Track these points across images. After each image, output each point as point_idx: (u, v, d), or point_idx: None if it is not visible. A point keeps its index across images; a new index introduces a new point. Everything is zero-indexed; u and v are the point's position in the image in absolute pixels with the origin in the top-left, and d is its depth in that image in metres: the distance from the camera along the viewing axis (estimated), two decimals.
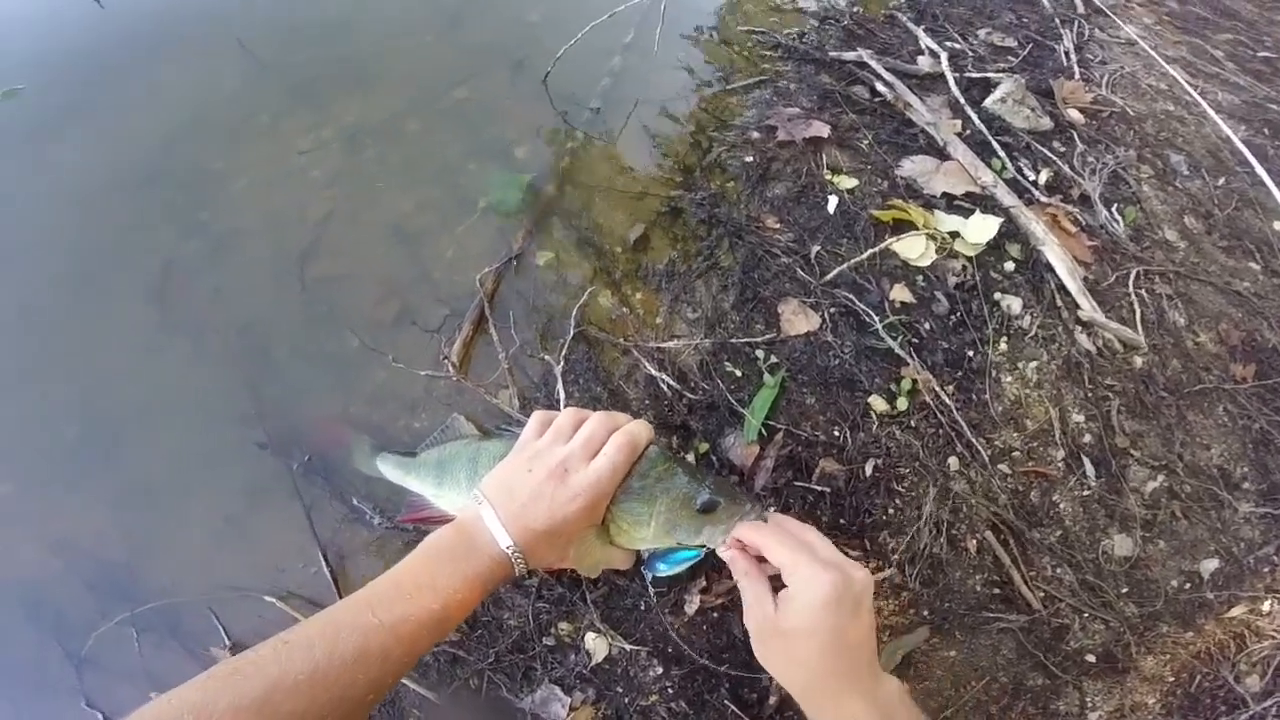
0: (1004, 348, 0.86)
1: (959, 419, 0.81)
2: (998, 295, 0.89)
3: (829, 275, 0.86)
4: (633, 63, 1.15)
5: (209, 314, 0.92)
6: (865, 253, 0.86)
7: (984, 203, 0.95)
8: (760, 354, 0.82)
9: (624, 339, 0.84)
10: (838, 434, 0.78)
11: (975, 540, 0.79)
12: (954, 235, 0.90)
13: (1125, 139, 1.12)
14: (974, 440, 0.81)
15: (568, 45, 1.05)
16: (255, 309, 0.92)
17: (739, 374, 0.81)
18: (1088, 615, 0.81)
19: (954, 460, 0.80)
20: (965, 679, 0.79)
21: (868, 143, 1.01)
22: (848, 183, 0.96)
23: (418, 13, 1.26)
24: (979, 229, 0.90)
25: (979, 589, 0.79)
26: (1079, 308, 0.89)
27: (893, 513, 0.77)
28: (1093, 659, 0.80)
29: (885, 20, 1.26)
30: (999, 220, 0.91)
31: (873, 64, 1.10)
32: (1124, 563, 0.83)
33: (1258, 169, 1.06)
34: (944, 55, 1.14)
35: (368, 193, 1.01)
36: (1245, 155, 1.09)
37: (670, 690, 0.71)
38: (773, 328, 0.84)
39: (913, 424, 0.80)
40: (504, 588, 0.73)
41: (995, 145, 1.02)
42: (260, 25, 1.24)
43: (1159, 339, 0.93)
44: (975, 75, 1.13)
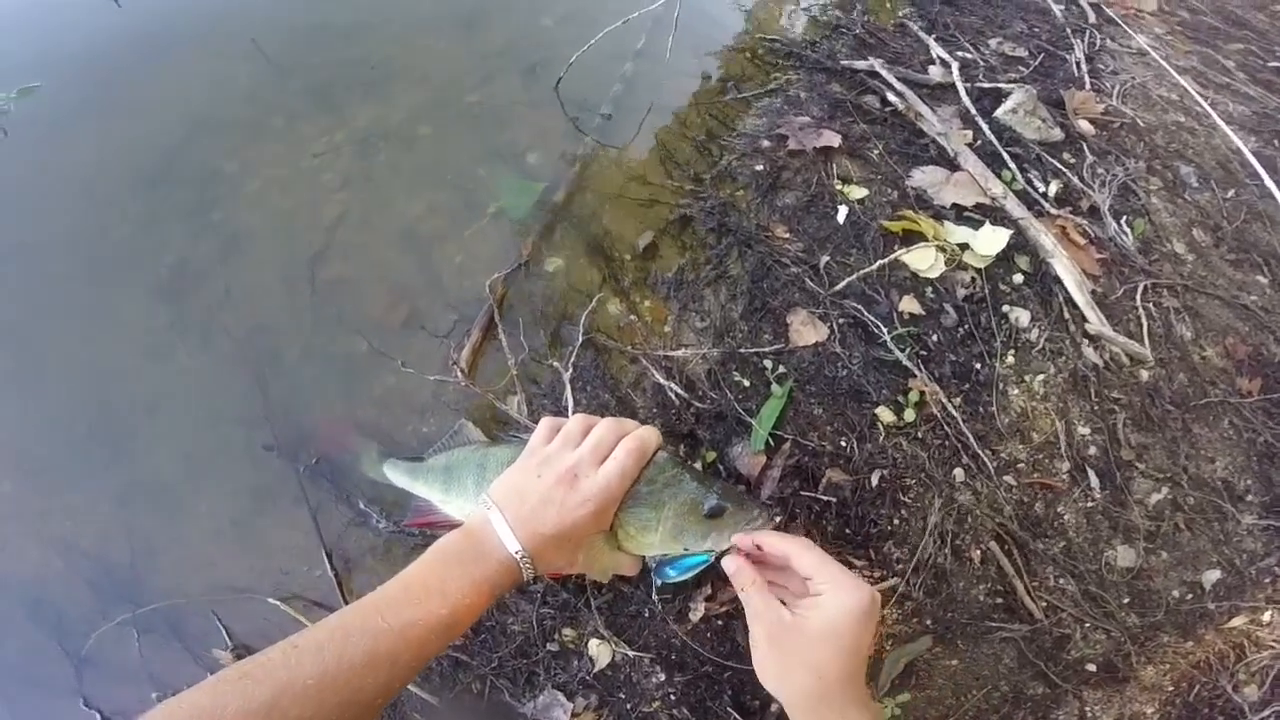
0: (1011, 360, 0.87)
1: (965, 431, 0.81)
2: (1006, 308, 0.89)
3: (838, 286, 0.87)
4: (644, 69, 1.15)
5: (219, 315, 0.92)
6: (874, 264, 0.86)
7: (994, 214, 0.95)
8: (768, 364, 0.83)
9: (632, 347, 0.84)
10: (845, 444, 0.79)
11: (979, 550, 0.80)
12: (963, 247, 0.90)
13: (1135, 150, 1.12)
14: (980, 452, 0.81)
15: (580, 52, 1.05)
16: (265, 310, 0.93)
17: (747, 383, 0.82)
18: (1089, 625, 0.82)
19: (960, 471, 0.81)
20: (967, 687, 0.80)
21: (878, 153, 1.02)
22: (858, 193, 0.96)
23: (433, 17, 1.26)
24: (988, 241, 0.90)
25: (982, 599, 0.80)
26: (1086, 321, 0.89)
27: (898, 523, 0.78)
28: (1093, 668, 0.81)
29: (896, 29, 1.26)
30: (1008, 232, 0.91)
31: (884, 73, 1.10)
32: (1126, 573, 0.84)
33: (1267, 181, 1.06)
34: (955, 65, 1.14)
35: (379, 196, 1.01)
36: (1255, 167, 1.09)
37: (673, 696, 0.72)
38: (781, 338, 0.84)
39: (919, 435, 0.81)
40: (509, 594, 0.74)
41: (1006, 156, 1.02)
42: (276, 27, 1.25)
43: (1166, 352, 0.93)
44: (986, 85, 1.13)
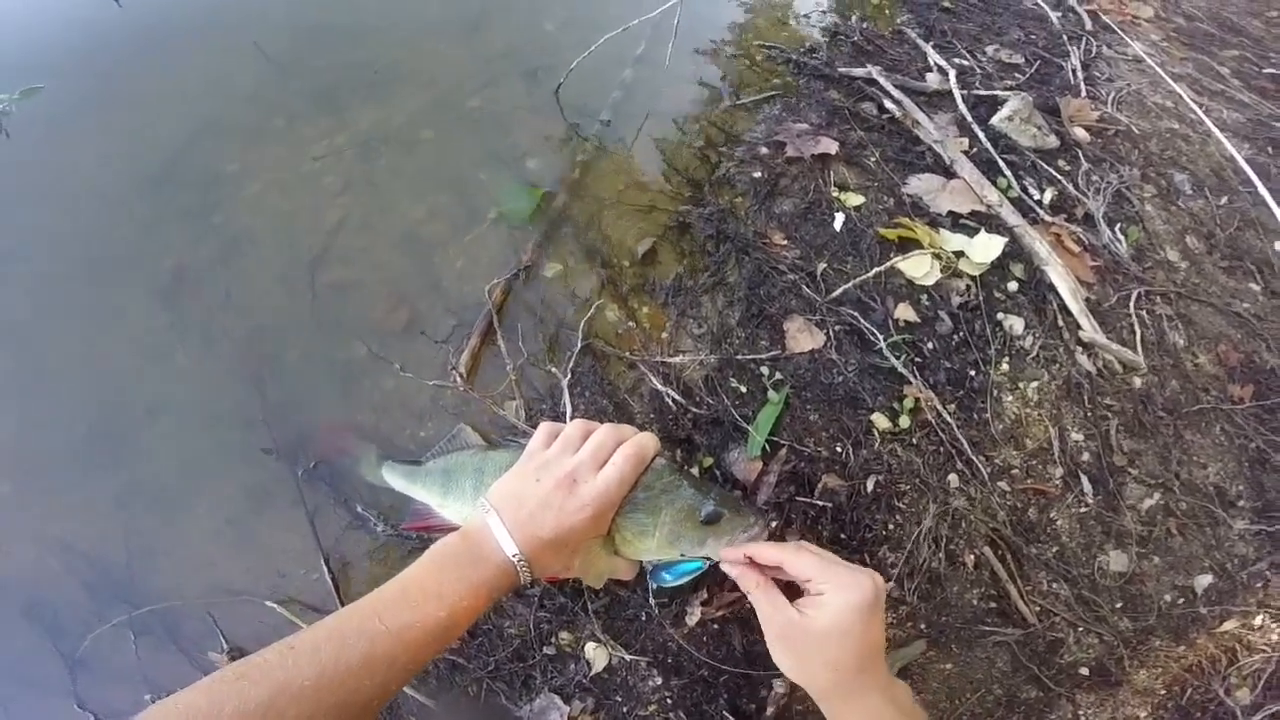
0: (1005, 368, 0.87)
1: (960, 437, 0.82)
2: (1000, 315, 0.90)
3: (834, 293, 0.87)
4: (644, 75, 1.15)
5: (219, 317, 0.93)
6: (871, 271, 0.87)
7: (989, 222, 0.96)
8: (765, 370, 0.83)
9: (630, 353, 0.85)
10: (840, 450, 0.79)
11: (973, 555, 0.80)
12: (959, 254, 0.91)
13: (1130, 158, 1.12)
14: (974, 458, 0.82)
15: (580, 58, 1.06)
16: (265, 314, 0.93)
17: (744, 390, 0.82)
18: (1082, 629, 0.82)
19: (954, 477, 0.81)
20: (960, 691, 0.80)
21: (875, 160, 1.02)
22: (855, 200, 0.97)
23: (436, 20, 1.26)
24: (983, 248, 0.91)
25: (975, 603, 0.81)
26: (1080, 328, 0.90)
27: (893, 528, 0.79)
28: (1086, 672, 0.82)
29: (894, 36, 1.27)
30: (1003, 240, 0.92)
31: (881, 80, 1.10)
32: (1119, 578, 0.84)
33: (1260, 189, 1.07)
34: (952, 72, 1.14)
35: (380, 200, 1.02)
36: (1248, 174, 1.10)
37: (669, 700, 0.72)
38: (778, 344, 0.85)
39: (914, 441, 0.81)
40: (506, 597, 0.74)
41: (1001, 164, 1.03)
42: (278, 28, 1.25)
43: (1158, 360, 0.94)
44: (983, 92, 1.14)
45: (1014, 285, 0.92)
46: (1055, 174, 1.05)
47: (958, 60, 1.21)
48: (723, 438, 0.80)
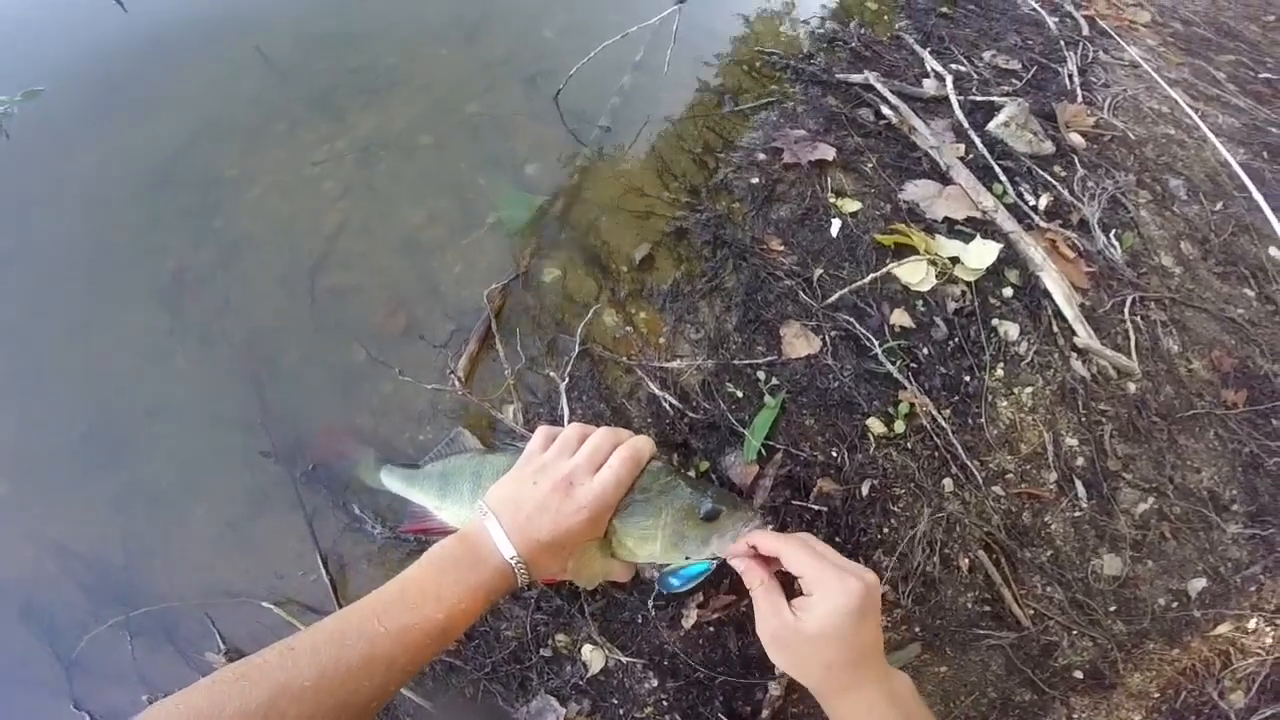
0: (1000, 373, 0.88)
1: (954, 442, 0.82)
2: (995, 321, 0.90)
3: (830, 299, 0.88)
4: (643, 81, 1.16)
5: (219, 321, 0.93)
6: (866, 277, 0.88)
7: (984, 228, 0.97)
8: (761, 375, 0.84)
9: (628, 358, 0.86)
10: (836, 455, 0.80)
11: (968, 559, 0.81)
12: (954, 260, 0.92)
13: (1125, 163, 1.13)
14: (969, 462, 0.82)
15: (579, 64, 1.06)
16: (265, 317, 0.94)
17: (740, 394, 0.83)
18: (1076, 633, 0.83)
19: (949, 481, 0.82)
20: (955, 694, 0.81)
21: (872, 166, 1.03)
22: (851, 206, 0.97)
23: (436, 26, 1.26)
24: (979, 254, 0.91)
25: (970, 606, 0.81)
26: (1075, 334, 0.91)
27: (887, 532, 0.79)
28: (1080, 675, 0.82)
29: (892, 42, 1.28)
30: (998, 246, 0.92)
31: (879, 86, 1.11)
32: (1113, 582, 0.85)
33: (1254, 194, 1.08)
34: (949, 78, 1.15)
35: (380, 205, 1.02)
36: (1243, 180, 1.10)
37: (665, 702, 0.73)
38: (774, 350, 0.85)
39: (909, 446, 0.82)
40: (504, 599, 0.75)
41: (997, 170, 1.03)
42: (279, 33, 1.25)
43: (1152, 365, 0.94)
44: (979, 98, 1.14)
45: (1009, 291, 0.93)
46: (1051, 180, 1.05)
47: (955, 66, 1.22)
48: (719, 442, 0.80)
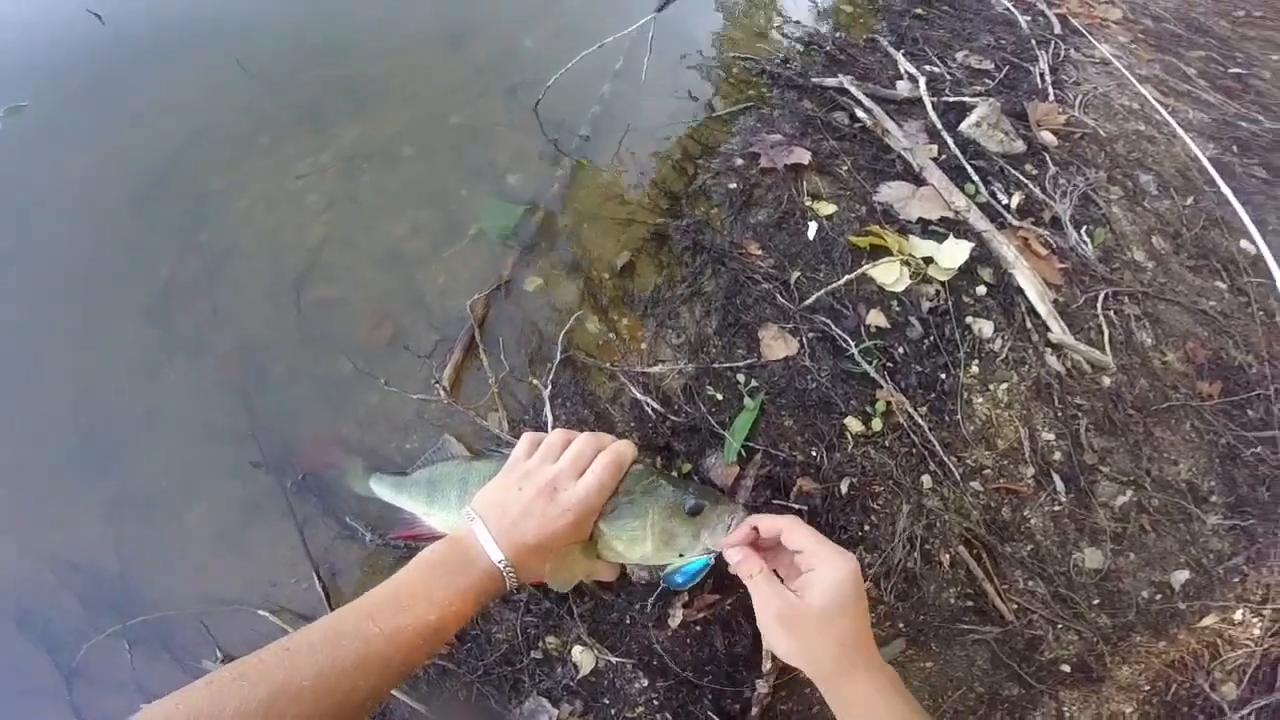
0: (975, 370, 0.89)
1: (931, 439, 0.84)
2: (969, 319, 0.92)
3: (808, 301, 0.89)
4: (622, 89, 1.17)
5: (207, 334, 0.94)
6: (842, 279, 0.89)
7: (957, 228, 0.98)
8: (741, 378, 0.85)
9: (610, 364, 0.87)
10: (815, 454, 0.81)
11: (948, 555, 0.82)
12: (928, 261, 0.93)
13: (1096, 160, 1.15)
14: (946, 459, 0.84)
15: (557, 75, 1.08)
16: (252, 330, 0.95)
17: (720, 397, 0.84)
18: (1061, 626, 0.83)
19: (927, 478, 0.83)
20: (942, 689, 0.82)
21: (847, 169, 1.04)
22: (827, 209, 0.99)
23: (417, 37, 1.28)
24: (951, 254, 0.93)
25: (953, 602, 0.82)
26: (1049, 330, 0.92)
27: (868, 529, 0.80)
28: (1068, 669, 0.83)
29: (867, 44, 1.30)
30: (970, 245, 0.94)
31: (853, 90, 1.13)
32: (1095, 575, 0.86)
33: (1224, 188, 1.10)
34: (922, 80, 1.17)
35: (363, 217, 1.03)
36: (1212, 174, 1.12)
37: (655, 701, 0.74)
38: (753, 352, 0.87)
39: (887, 444, 0.83)
40: (494, 603, 0.76)
41: (969, 170, 1.05)
42: (261, 44, 1.26)
43: (1127, 359, 0.96)
44: (952, 99, 1.16)
45: (982, 289, 0.95)
46: (1023, 178, 1.07)
47: (928, 67, 1.24)
48: (701, 444, 0.81)
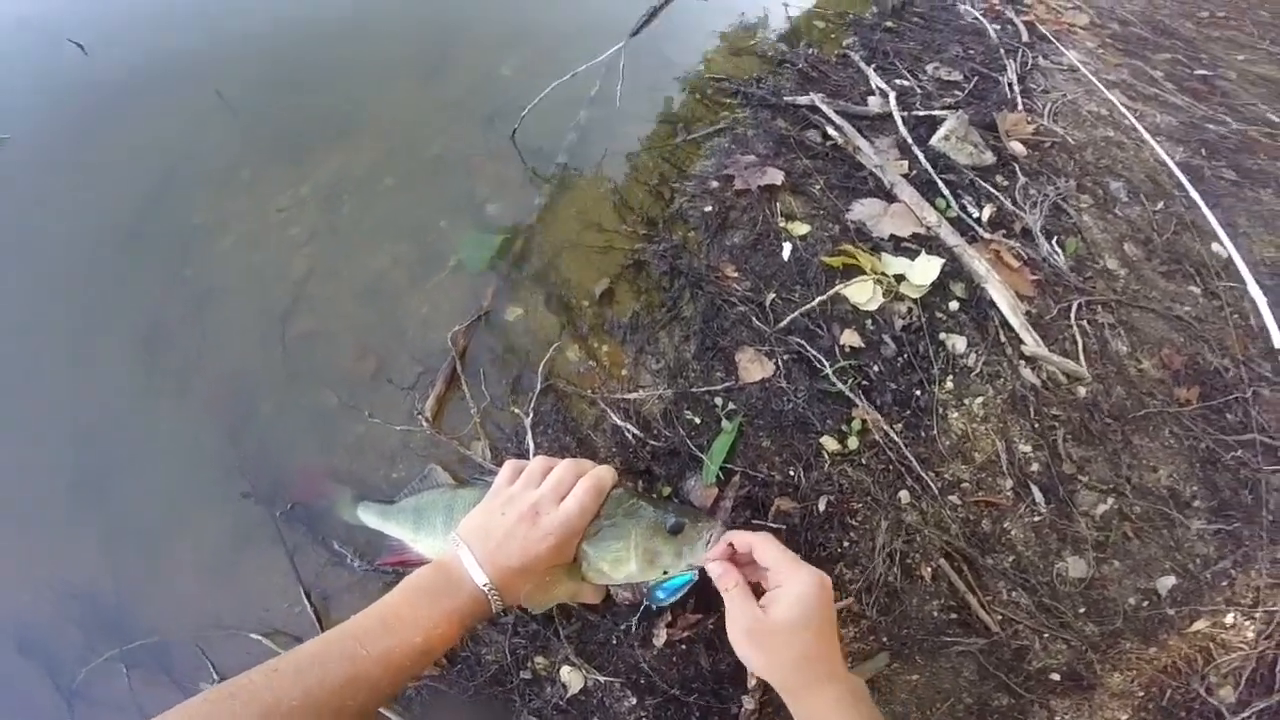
0: (950, 386, 0.90)
1: (908, 455, 0.85)
2: (943, 335, 0.93)
3: (783, 323, 0.91)
4: (598, 115, 1.19)
5: (195, 369, 0.96)
6: (816, 300, 0.90)
7: (929, 243, 1.00)
8: (719, 401, 0.86)
9: (591, 391, 0.88)
10: (792, 474, 0.82)
11: (930, 568, 0.83)
12: (900, 278, 0.94)
13: (1066, 169, 1.16)
14: (923, 474, 0.85)
15: (533, 104, 1.10)
16: (239, 365, 0.96)
17: (698, 420, 0.86)
18: (1047, 635, 0.84)
19: (905, 494, 0.84)
20: (930, 701, 0.82)
21: (820, 188, 1.06)
22: (801, 229, 1.00)
23: (395, 67, 1.30)
24: (923, 271, 0.94)
25: (936, 614, 0.82)
26: (1022, 343, 0.93)
27: (848, 545, 0.81)
28: (1057, 677, 0.83)
29: (839, 60, 1.31)
30: (941, 261, 0.95)
31: (823, 108, 1.14)
32: (1079, 583, 0.86)
33: (1192, 193, 1.11)
34: (892, 95, 1.19)
35: (345, 250, 1.05)
36: (1181, 179, 1.14)
37: (645, 719, 0.74)
38: (731, 375, 0.88)
39: (864, 461, 0.84)
40: (482, 626, 0.77)
41: (940, 184, 1.06)
42: (241, 77, 1.28)
43: (1102, 368, 0.96)
44: (923, 113, 1.18)
45: (955, 304, 0.96)
46: (993, 190, 1.08)
47: (899, 81, 1.25)
48: (680, 467, 0.83)
